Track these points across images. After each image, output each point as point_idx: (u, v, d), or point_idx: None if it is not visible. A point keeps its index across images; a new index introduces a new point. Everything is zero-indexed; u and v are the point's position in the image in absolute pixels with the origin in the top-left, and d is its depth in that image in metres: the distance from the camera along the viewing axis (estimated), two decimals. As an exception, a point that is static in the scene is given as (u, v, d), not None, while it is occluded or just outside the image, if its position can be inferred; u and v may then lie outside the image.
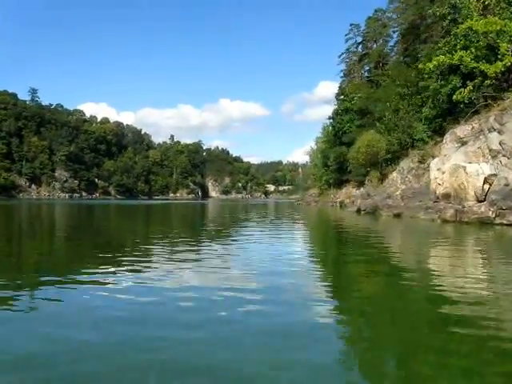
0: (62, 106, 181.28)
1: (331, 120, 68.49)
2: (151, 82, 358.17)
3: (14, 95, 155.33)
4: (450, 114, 30.87)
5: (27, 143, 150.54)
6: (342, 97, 65.58)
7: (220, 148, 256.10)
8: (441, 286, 7.67)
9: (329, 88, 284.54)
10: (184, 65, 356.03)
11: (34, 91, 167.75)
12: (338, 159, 59.42)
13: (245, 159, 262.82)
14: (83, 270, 8.90)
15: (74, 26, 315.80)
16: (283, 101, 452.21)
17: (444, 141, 27.43)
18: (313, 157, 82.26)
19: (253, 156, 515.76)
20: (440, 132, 33.52)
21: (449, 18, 30.11)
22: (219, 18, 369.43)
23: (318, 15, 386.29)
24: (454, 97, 26.97)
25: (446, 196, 24.72)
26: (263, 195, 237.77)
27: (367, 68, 78.36)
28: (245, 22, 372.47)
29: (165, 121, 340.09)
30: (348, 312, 6.34)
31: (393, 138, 35.91)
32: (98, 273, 8.61)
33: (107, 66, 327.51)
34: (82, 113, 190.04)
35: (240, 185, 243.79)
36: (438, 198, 25.69)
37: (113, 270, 8.93)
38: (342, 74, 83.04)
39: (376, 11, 76.32)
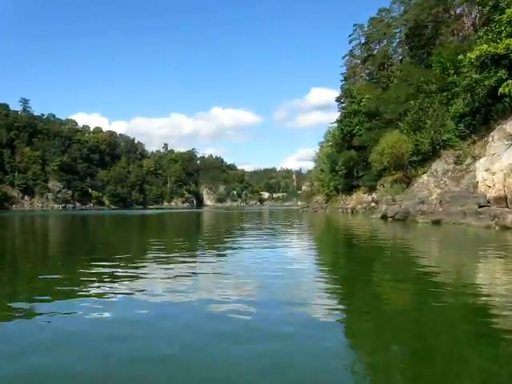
0: (54, 116, 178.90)
1: (338, 123, 66.11)
2: (143, 91, 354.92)
3: (6, 106, 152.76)
4: (486, 111, 28.27)
5: (19, 154, 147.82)
6: (349, 99, 63.09)
7: (214, 156, 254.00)
8: None
9: (320, 94, 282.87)
10: (176, 74, 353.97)
11: (25, 101, 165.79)
12: (348, 164, 56.95)
13: (239, 167, 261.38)
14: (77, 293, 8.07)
15: (66, 36, 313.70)
16: (275, 108, 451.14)
17: (490, 138, 24.72)
18: (318, 162, 79.64)
19: (247, 163, 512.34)
20: (471, 130, 31.02)
21: (490, 3, 27.60)
22: (210, 26, 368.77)
23: (307, 22, 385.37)
24: (501, 89, 24.39)
25: (500, 200, 22.03)
26: (258, 202, 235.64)
27: (368, 71, 76.48)
28: (235, 29, 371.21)
29: (157, 130, 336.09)
30: None
31: (422, 138, 33.06)
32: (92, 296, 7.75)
33: (99, 75, 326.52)
34: (74, 122, 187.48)
35: (235, 192, 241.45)
36: (488, 201, 22.96)
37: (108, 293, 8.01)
38: (341, 78, 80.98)
39: (380, 11, 74.56)
